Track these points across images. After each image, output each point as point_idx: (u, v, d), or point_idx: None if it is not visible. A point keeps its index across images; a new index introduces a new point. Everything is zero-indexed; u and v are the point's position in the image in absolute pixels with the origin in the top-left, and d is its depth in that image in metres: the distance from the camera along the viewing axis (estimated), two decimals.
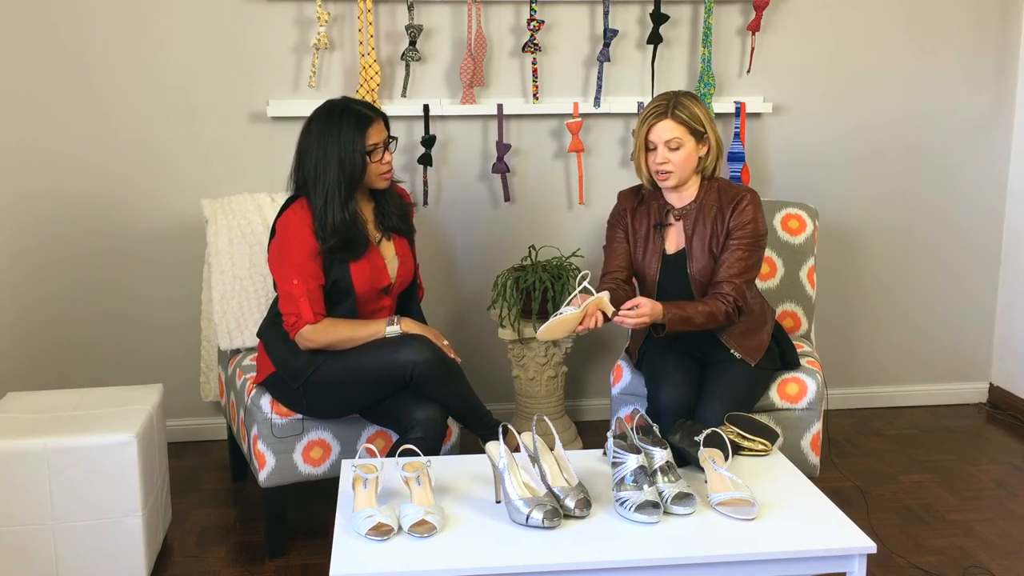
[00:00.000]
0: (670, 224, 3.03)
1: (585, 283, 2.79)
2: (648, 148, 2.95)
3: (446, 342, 3.02)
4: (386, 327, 2.93)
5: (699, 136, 2.93)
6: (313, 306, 2.87)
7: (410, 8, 3.69)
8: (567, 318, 2.72)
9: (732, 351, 2.97)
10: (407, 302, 3.15)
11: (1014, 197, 4.24)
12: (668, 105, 2.91)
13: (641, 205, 3.07)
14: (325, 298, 2.92)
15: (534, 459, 2.46)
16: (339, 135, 2.85)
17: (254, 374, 3.11)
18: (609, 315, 2.78)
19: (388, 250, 3.04)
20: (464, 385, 2.96)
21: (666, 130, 2.90)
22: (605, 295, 2.78)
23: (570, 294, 2.78)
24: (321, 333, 2.89)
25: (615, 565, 2.23)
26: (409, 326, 2.96)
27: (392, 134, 2.96)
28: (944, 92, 4.15)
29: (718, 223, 2.96)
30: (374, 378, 2.88)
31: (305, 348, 2.91)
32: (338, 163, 2.85)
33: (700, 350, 3.03)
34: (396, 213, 3.05)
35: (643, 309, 2.78)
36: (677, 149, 2.91)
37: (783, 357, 3.13)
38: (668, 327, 2.84)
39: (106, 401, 3.05)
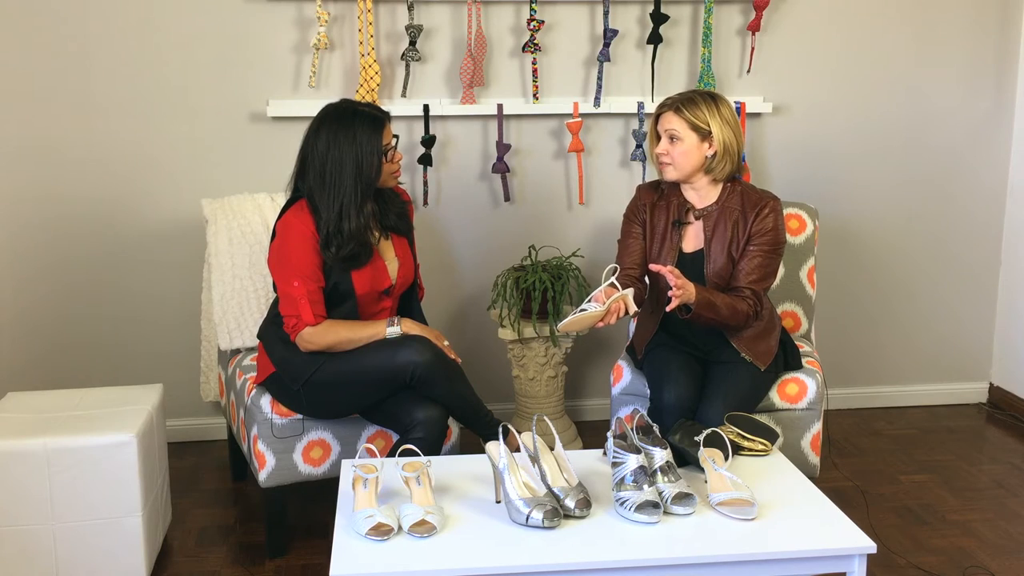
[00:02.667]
0: (689, 223, 3.03)
1: (612, 278, 2.81)
2: (658, 137, 3.01)
3: (446, 342, 3.01)
4: (386, 328, 2.93)
5: (703, 135, 2.94)
6: (313, 308, 2.87)
7: (410, 8, 3.69)
8: (590, 315, 2.74)
9: (743, 355, 2.98)
10: (407, 302, 3.15)
11: (1014, 197, 4.23)
12: (679, 100, 2.97)
13: (661, 200, 3.07)
14: (325, 300, 2.92)
15: (534, 459, 2.46)
16: (355, 137, 2.83)
17: (254, 374, 3.11)
18: (631, 313, 2.79)
19: (388, 250, 3.04)
20: (464, 385, 2.95)
21: (668, 122, 2.97)
22: (630, 292, 2.80)
23: (570, 290, 2.78)
24: (321, 335, 2.88)
25: (615, 565, 2.23)
26: (409, 327, 2.96)
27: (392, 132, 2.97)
28: (944, 92, 4.15)
29: (739, 227, 2.97)
30: (374, 379, 2.88)
31: (306, 350, 2.90)
32: (355, 166, 2.84)
33: (703, 350, 3.04)
34: (394, 211, 3.05)
35: (686, 286, 2.77)
36: (676, 142, 2.94)
37: (786, 358, 3.13)
38: (695, 309, 2.83)
39: (106, 401, 3.04)
